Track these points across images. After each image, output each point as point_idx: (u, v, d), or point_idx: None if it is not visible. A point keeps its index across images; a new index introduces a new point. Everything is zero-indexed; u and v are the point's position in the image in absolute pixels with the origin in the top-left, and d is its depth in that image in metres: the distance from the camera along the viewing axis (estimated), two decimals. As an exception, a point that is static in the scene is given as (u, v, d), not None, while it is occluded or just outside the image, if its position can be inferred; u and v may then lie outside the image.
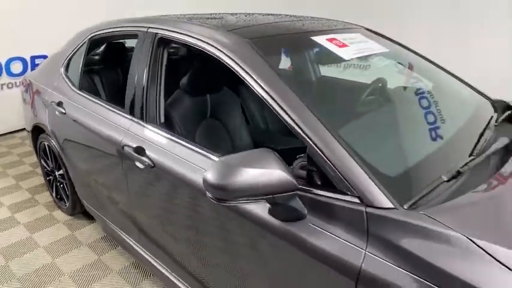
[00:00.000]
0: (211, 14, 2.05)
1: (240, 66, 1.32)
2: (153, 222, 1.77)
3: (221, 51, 1.40)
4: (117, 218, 2.07)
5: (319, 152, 1.06)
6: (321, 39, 1.61)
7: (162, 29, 1.71)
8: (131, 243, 1.99)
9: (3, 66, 4.21)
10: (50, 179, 2.80)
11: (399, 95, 1.88)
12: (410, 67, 1.92)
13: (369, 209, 0.97)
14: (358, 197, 0.99)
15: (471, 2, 3.56)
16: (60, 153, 2.40)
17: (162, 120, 1.70)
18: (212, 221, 1.40)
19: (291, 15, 2.10)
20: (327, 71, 1.96)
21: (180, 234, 1.62)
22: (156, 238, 1.76)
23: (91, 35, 2.25)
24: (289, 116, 1.16)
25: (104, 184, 2.07)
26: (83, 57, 2.30)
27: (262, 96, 1.24)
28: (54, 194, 2.81)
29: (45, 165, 2.79)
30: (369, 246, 0.94)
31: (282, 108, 1.18)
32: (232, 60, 1.35)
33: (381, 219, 0.95)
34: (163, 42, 1.71)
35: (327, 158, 1.05)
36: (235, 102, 2.11)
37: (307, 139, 1.10)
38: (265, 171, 1.00)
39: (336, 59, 1.76)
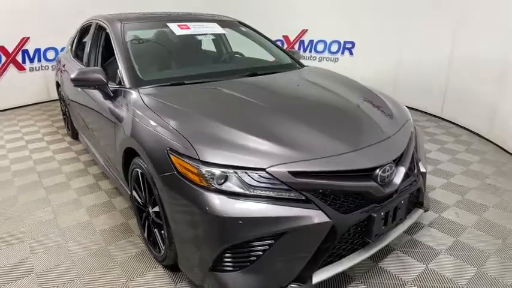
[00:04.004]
0: (140, 13, 3.50)
1: (112, 36, 2.75)
2: (87, 120, 3.28)
3: (110, 29, 2.84)
4: (82, 126, 3.61)
5: (120, 67, 2.46)
6: (172, 25, 2.97)
7: (99, 20, 3.21)
8: (89, 145, 3.51)
9: (59, 51, 6.16)
10: (65, 117, 4.50)
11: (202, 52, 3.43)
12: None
13: (123, 88, 2.35)
14: (126, 86, 2.37)
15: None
16: (65, 97, 4.05)
17: (98, 69, 3.19)
18: (88, 108, 2.90)
19: (185, 13, 3.48)
20: (167, 38, 3.19)
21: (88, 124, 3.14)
22: (89, 134, 3.26)
23: (81, 26, 3.86)
24: (118, 55, 2.56)
25: (75, 107, 3.63)
26: (76, 38, 3.92)
27: (114, 49, 2.65)
28: (66, 126, 4.51)
29: (62, 107, 4.50)
30: (123, 102, 2.31)
31: (117, 52, 2.59)
32: (111, 33, 2.79)
33: (127, 92, 2.32)
34: (100, 27, 3.21)
35: (122, 71, 2.45)
36: None
37: (119, 63, 2.49)
38: (94, 74, 2.41)
39: (172, 34, 3.09)
